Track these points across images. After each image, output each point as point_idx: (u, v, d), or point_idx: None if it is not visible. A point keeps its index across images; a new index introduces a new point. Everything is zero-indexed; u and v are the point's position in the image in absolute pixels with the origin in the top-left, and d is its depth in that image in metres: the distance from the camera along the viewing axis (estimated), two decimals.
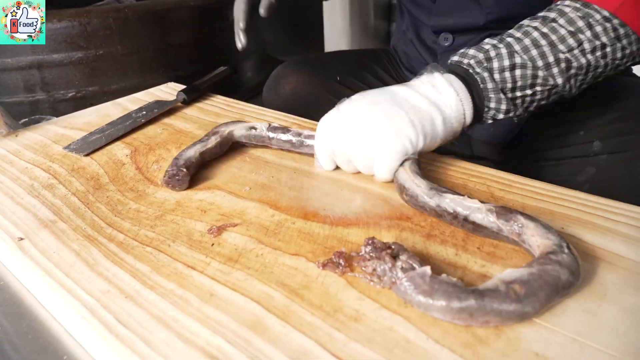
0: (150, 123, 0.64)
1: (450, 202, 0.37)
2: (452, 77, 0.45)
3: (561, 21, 0.46)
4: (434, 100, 0.44)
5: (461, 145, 0.74)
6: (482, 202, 0.36)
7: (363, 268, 0.33)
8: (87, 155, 0.55)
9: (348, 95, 0.48)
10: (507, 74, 0.46)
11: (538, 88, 0.47)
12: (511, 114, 0.47)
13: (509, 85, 0.46)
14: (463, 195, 0.37)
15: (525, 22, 0.48)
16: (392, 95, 0.45)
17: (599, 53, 0.46)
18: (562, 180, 0.51)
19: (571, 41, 0.45)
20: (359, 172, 0.48)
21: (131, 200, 0.46)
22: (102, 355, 0.30)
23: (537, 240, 0.32)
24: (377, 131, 0.43)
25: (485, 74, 0.46)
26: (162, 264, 0.36)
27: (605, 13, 0.45)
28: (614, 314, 0.30)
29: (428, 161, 0.50)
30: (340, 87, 0.80)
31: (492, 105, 0.46)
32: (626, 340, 0.28)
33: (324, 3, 1.63)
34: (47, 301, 0.35)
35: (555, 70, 0.46)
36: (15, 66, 0.75)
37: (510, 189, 0.44)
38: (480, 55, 0.46)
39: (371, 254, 0.32)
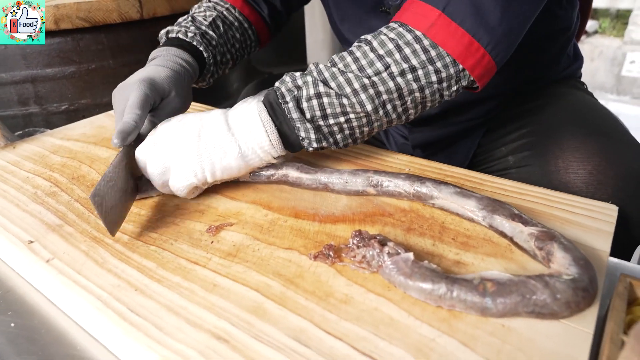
0: None
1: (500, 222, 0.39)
2: (262, 108, 0.46)
3: (375, 43, 0.45)
4: (236, 136, 0.46)
5: None
6: (525, 223, 0.37)
7: (352, 258, 0.37)
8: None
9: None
10: (315, 102, 0.45)
11: (351, 116, 0.46)
12: (324, 143, 0.48)
13: (318, 113, 0.46)
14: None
15: (353, 44, 0.47)
16: (200, 124, 0.46)
17: (409, 76, 0.44)
18: None
19: (379, 65, 0.44)
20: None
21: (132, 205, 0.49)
22: (119, 341, 0.33)
23: (558, 267, 0.33)
24: (168, 160, 0.46)
25: (291, 104, 0.46)
26: (166, 260, 0.40)
27: (417, 33, 0.44)
28: None
29: (408, 164, 0.54)
30: None
31: (302, 134, 0.47)
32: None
33: (306, 17, 1.68)
34: (60, 298, 0.38)
35: (363, 96, 0.44)
36: (9, 80, 0.77)
37: (482, 186, 0.49)
38: (291, 84, 0.47)
39: (359, 244, 0.36)
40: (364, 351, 0.30)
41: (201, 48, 0.61)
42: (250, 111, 0.46)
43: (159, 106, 0.54)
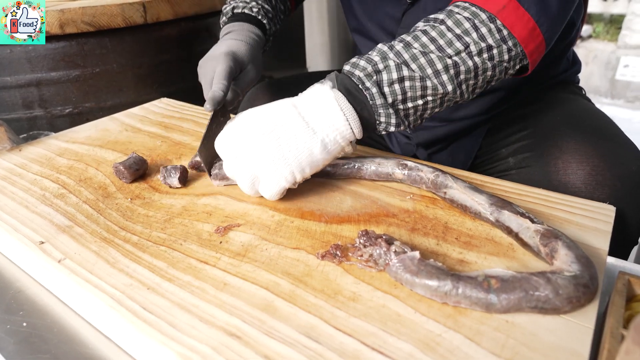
0: (148, 136, 0.68)
1: (507, 217, 0.40)
2: (340, 96, 0.46)
3: (449, 22, 0.46)
4: (314, 128, 0.45)
5: None
6: (532, 220, 0.39)
7: (359, 257, 0.38)
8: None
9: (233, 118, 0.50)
10: (397, 87, 0.46)
11: (429, 98, 0.47)
12: (402, 127, 0.48)
13: (400, 97, 0.46)
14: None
15: (419, 24, 0.48)
16: (274, 125, 0.46)
17: (485, 55, 0.46)
18: None
19: (458, 44, 0.45)
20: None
21: (139, 207, 0.50)
22: (133, 338, 0.34)
23: (560, 264, 0.34)
24: (256, 171, 0.46)
25: (374, 89, 0.46)
26: (176, 260, 0.40)
27: (490, 13, 0.46)
28: None
29: None
30: None
31: (383, 119, 0.47)
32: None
33: (305, 22, 1.70)
34: (72, 297, 0.39)
35: (444, 77, 0.45)
36: (14, 84, 0.77)
37: (483, 188, 0.50)
38: (369, 68, 0.46)
39: (366, 243, 0.37)
40: (373, 346, 0.31)
41: (264, 21, 0.69)
42: (326, 100, 0.45)
43: (239, 76, 0.60)
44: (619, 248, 0.51)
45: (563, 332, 0.31)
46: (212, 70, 0.57)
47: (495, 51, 0.46)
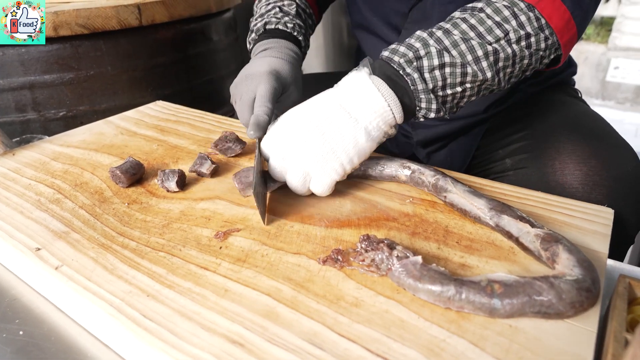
0: (144, 140, 0.67)
1: (507, 222, 0.40)
2: (379, 82, 0.46)
3: (488, 11, 0.47)
4: (356, 117, 0.45)
5: None
6: (532, 225, 0.39)
7: (360, 262, 0.38)
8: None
9: (276, 118, 0.50)
10: (437, 73, 0.46)
11: (468, 85, 0.47)
12: (441, 113, 0.49)
13: (440, 83, 0.46)
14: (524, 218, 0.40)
15: (456, 13, 0.49)
16: (317, 121, 0.46)
17: (523, 43, 0.47)
18: None
19: (498, 32, 0.46)
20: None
21: (137, 212, 0.49)
22: (133, 347, 0.33)
23: (562, 268, 0.34)
24: (306, 168, 0.46)
25: (416, 75, 0.46)
26: (176, 266, 0.40)
27: (528, 3, 0.47)
28: None
29: None
30: None
31: (423, 105, 0.47)
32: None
33: None
34: (70, 305, 0.38)
35: (484, 64, 0.46)
36: (6, 87, 0.76)
37: (481, 190, 0.50)
38: (410, 54, 0.46)
39: (368, 248, 0.37)
40: (378, 352, 0.30)
41: (300, 38, 0.66)
42: (365, 87, 0.45)
43: (280, 99, 0.56)
44: (614, 249, 0.51)
45: (566, 337, 0.31)
46: (252, 91, 0.53)
47: (533, 39, 0.47)
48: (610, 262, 0.44)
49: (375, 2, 0.71)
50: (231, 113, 1.07)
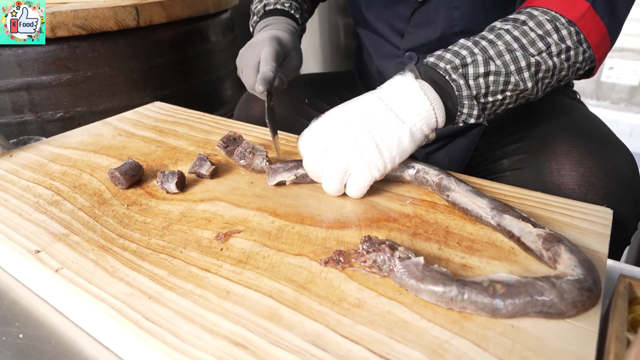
0: (142, 141, 0.67)
1: (509, 222, 0.40)
2: (426, 86, 0.47)
3: (531, 24, 0.49)
4: (402, 118, 0.46)
5: None
6: (533, 225, 0.39)
7: (362, 263, 0.38)
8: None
9: (316, 117, 0.50)
10: (482, 80, 0.48)
11: (508, 93, 0.49)
12: (480, 119, 0.50)
13: (483, 91, 0.48)
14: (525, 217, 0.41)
15: (497, 24, 0.51)
16: (363, 117, 0.47)
17: (564, 56, 0.49)
18: None
19: (540, 44, 0.48)
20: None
21: (136, 213, 0.49)
22: (136, 349, 0.33)
23: (563, 268, 0.34)
24: (348, 163, 0.46)
25: (461, 81, 0.48)
26: (177, 268, 0.40)
27: (569, 19, 0.49)
28: None
29: None
30: (309, 109, 0.83)
31: (465, 110, 0.49)
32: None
33: None
34: (71, 307, 0.38)
35: (526, 74, 0.48)
36: (4, 88, 0.76)
37: (481, 191, 0.50)
38: (457, 61, 0.48)
39: (370, 249, 0.37)
40: (381, 354, 0.30)
41: (297, 15, 0.71)
42: (412, 90, 0.47)
43: (283, 63, 0.61)
44: (610, 249, 0.52)
45: (568, 336, 0.31)
46: (257, 55, 0.58)
47: (572, 52, 0.49)
48: (610, 262, 0.45)
49: (377, 6, 0.71)
50: (230, 114, 1.06)
